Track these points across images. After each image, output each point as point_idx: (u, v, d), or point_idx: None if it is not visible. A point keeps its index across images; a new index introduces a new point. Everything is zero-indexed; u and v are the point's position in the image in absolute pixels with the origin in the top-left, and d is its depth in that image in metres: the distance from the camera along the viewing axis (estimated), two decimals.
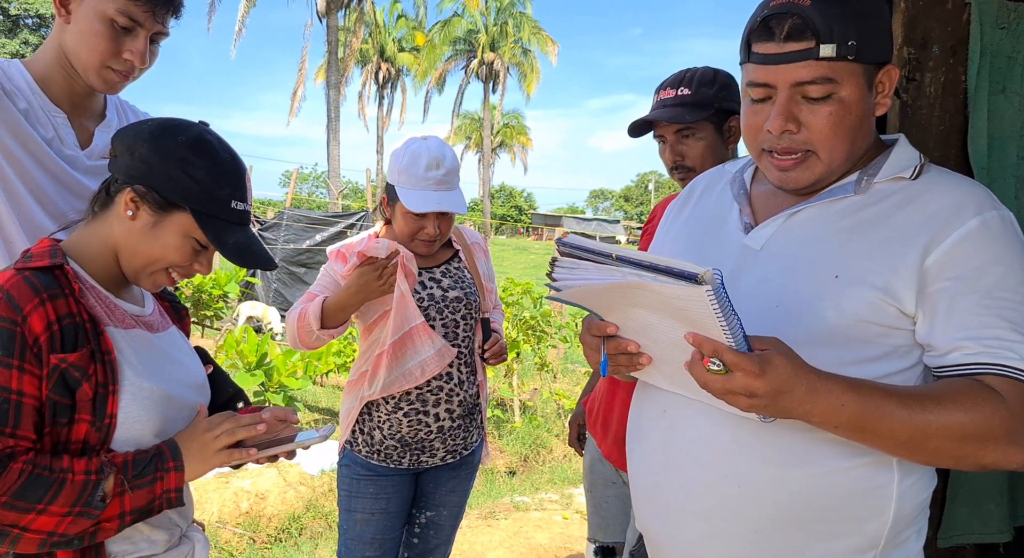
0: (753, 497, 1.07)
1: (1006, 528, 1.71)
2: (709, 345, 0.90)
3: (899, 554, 1.10)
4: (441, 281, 2.14)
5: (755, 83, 1.10)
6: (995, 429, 0.95)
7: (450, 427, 2.13)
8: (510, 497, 4.76)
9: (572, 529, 4.28)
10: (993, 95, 1.65)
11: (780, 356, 0.91)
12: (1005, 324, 0.99)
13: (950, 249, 1.02)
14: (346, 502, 2.15)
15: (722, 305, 0.86)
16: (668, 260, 0.89)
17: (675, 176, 1.90)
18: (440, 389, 2.10)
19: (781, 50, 1.06)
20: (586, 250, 0.98)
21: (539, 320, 6.07)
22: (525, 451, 5.60)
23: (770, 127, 1.08)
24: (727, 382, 0.91)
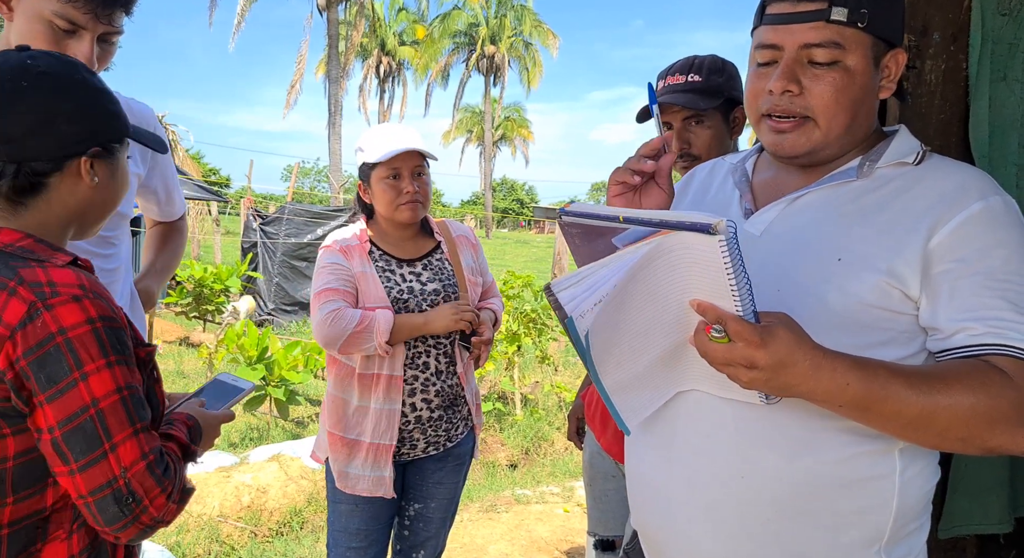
0: (758, 488, 1.05)
1: (1007, 519, 1.70)
2: (713, 312, 0.88)
3: (904, 548, 1.09)
4: (421, 274, 2.16)
5: (764, 44, 1.09)
6: (1004, 410, 0.93)
7: (429, 418, 2.13)
8: (511, 490, 4.76)
9: (573, 522, 4.28)
10: (994, 83, 1.63)
11: (784, 329, 0.89)
12: (1009, 305, 0.98)
13: (953, 231, 1.01)
14: (332, 494, 2.16)
15: (733, 259, 0.83)
16: (678, 214, 0.86)
17: (679, 164, 1.86)
18: (415, 379, 2.11)
19: (795, 9, 1.06)
20: (591, 215, 0.95)
21: (540, 313, 6.06)
22: (526, 444, 5.60)
23: (771, 86, 1.08)
24: (728, 352, 0.89)
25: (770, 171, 1.22)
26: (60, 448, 1.00)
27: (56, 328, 0.99)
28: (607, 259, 0.91)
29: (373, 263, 2.11)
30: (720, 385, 1.02)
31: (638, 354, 1.02)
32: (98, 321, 1.02)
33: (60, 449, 1.00)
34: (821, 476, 1.04)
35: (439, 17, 41.15)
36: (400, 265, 2.15)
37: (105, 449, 1.00)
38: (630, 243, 0.91)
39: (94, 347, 1.00)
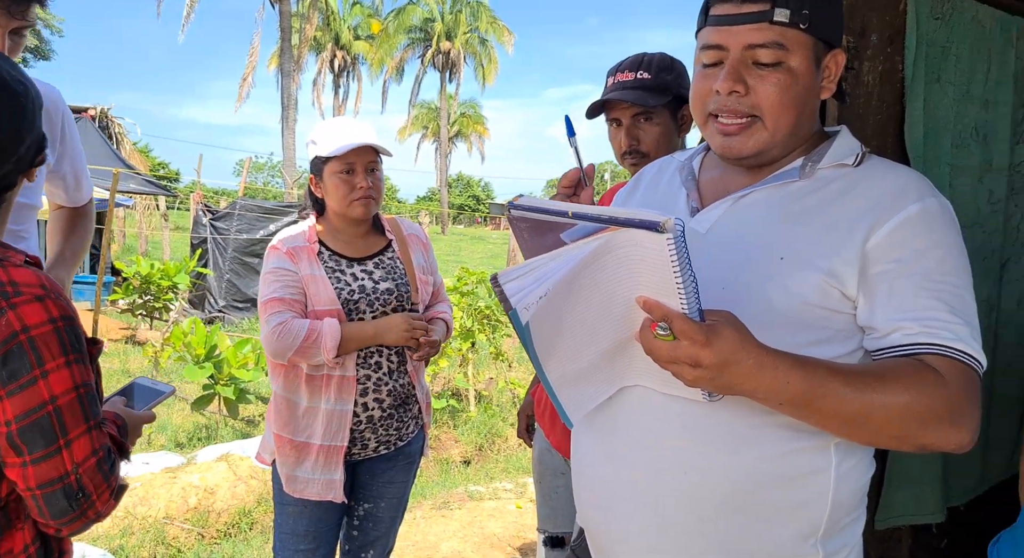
0: (700, 484, 1.06)
1: (939, 510, 1.75)
2: (659, 310, 0.88)
3: (839, 541, 1.11)
4: (373, 273, 2.12)
5: (709, 45, 1.10)
6: (936, 408, 0.95)
7: (380, 417, 2.11)
8: (464, 487, 4.76)
9: (526, 518, 4.29)
10: (929, 85, 1.68)
11: (728, 328, 0.89)
12: (943, 306, 1.00)
13: (891, 232, 1.03)
14: (279, 495, 2.11)
15: (680, 257, 0.83)
16: (627, 211, 0.85)
17: (627, 161, 1.88)
18: (368, 378, 2.08)
19: (738, 11, 1.06)
20: (540, 210, 0.94)
21: (494, 310, 6.05)
22: (480, 440, 5.60)
23: (718, 87, 1.08)
24: (673, 350, 0.89)
25: (716, 170, 1.23)
26: (15, 441, 1.02)
27: (20, 326, 1.02)
28: (555, 252, 0.91)
29: (322, 264, 2.07)
30: (664, 381, 1.02)
31: (583, 348, 1.02)
32: (59, 321, 1.05)
33: (15, 442, 1.02)
34: (761, 471, 1.05)
35: (394, 12, 40.84)
36: (351, 264, 2.12)
37: (60, 445, 1.04)
38: (579, 238, 0.90)
39: (55, 346, 1.04)
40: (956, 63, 1.72)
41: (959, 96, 1.72)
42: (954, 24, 1.71)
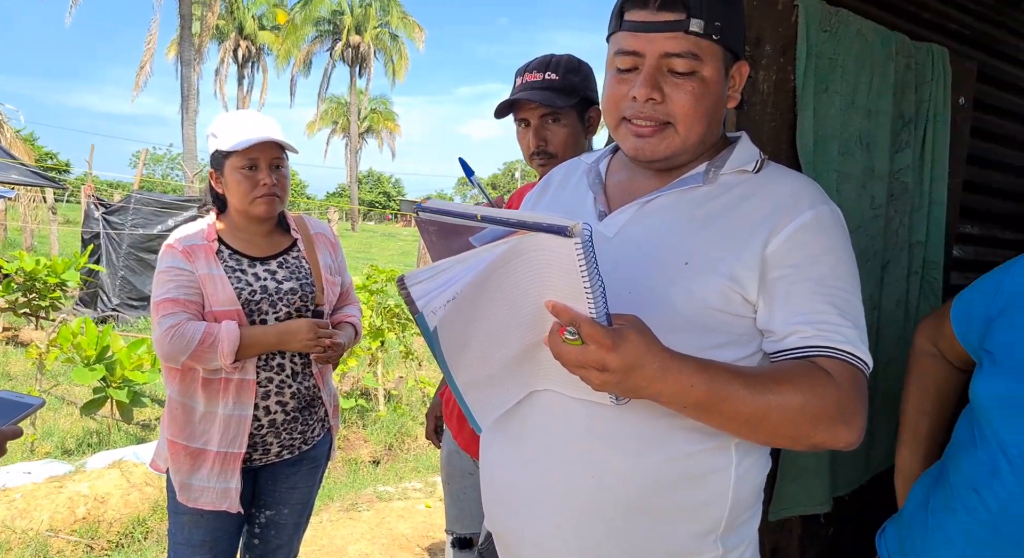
0: (607, 487, 1.07)
1: (827, 500, 1.84)
2: (567, 314, 0.89)
3: (737, 537, 1.14)
4: (276, 272, 2.06)
5: (625, 51, 1.10)
6: (827, 408, 0.99)
7: (283, 421, 2.05)
8: (373, 487, 4.69)
9: (435, 517, 4.27)
10: (818, 94, 1.75)
11: (635, 332, 0.90)
12: (835, 310, 1.05)
13: (787, 239, 1.07)
14: (173, 504, 2.02)
15: (588, 262, 0.84)
16: (535, 215, 0.85)
17: (535, 162, 1.88)
18: (270, 381, 2.02)
19: (654, 18, 1.07)
20: (448, 212, 0.93)
21: (404, 308, 5.99)
22: (390, 440, 5.54)
23: (636, 93, 1.09)
24: (581, 354, 0.89)
25: (623, 173, 1.25)
26: None
27: None
28: (463, 255, 0.90)
29: (222, 263, 1.98)
30: (572, 385, 1.02)
31: (492, 352, 1.02)
32: None
33: None
34: (666, 473, 1.07)
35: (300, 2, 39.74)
36: (252, 264, 2.04)
37: None
38: (487, 242, 0.90)
39: None
40: (842, 74, 1.80)
41: (845, 106, 1.81)
42: (840, 37, 1.80)
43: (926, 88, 2.04)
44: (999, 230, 2.78)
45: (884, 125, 1.91)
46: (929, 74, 2.05)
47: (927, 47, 2.05)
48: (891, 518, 1.48)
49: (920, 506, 1.37)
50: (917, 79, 2.02)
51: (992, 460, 1.21)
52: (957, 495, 1.27)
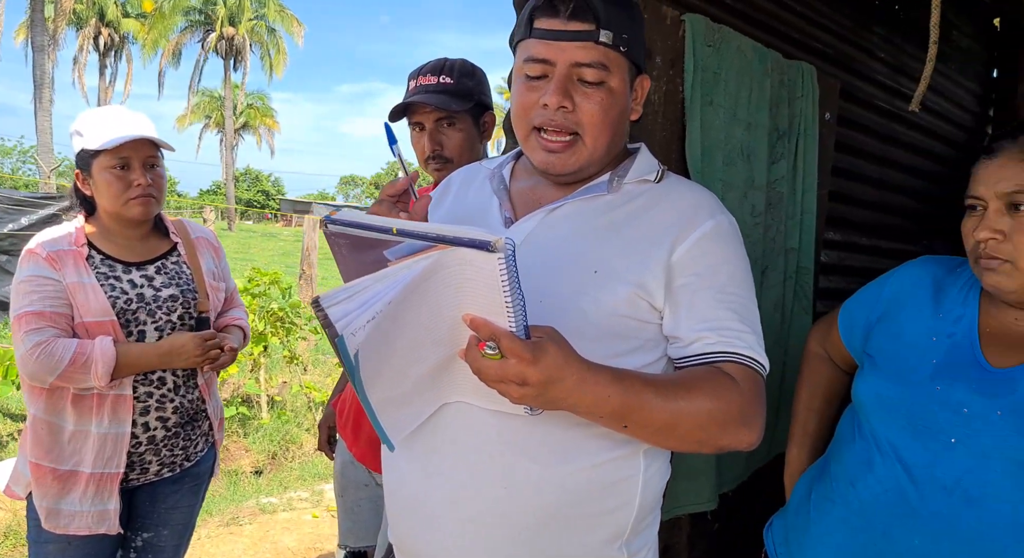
0: (519, 498, 1.07)
1: (714, 497, 1.92)
2: (487, 328, 0.88)
3: (641, 540, 1.17)
4: (154, 279, 1.93)
5: (535, 58, 1.10)
6: (733, 413, 1.02)
7: (164, 437, 1.93)
8: (256, 499, 4.51)
9: (323, 528, 4.15)
10: (704, 106, 1.83)
11: (553, 344, 0.90)
12: (736, 317, 1.09)
13: (690, 248, 1.10)
14: (36, 533, 1.86)
15: (511, 277, 0.83)
16: (455, 229, 0.84)
17: (430, 166, 1.86)
18: (150, 395, 1.90)
19: (565, 27, 1.08)
20: (361, 225, 0.89)
21: (288, 311, 5.78)
22: (273, 448, 5.34)
23: (547, 101, 1.09)
24: (500, 368, 0.88)
25: (528, 180, 1.25)
26: None
27: None
28: (382, 273, 0.87)
29: (93, 270, 1.84)
30: (485, 396, 1.02)
31: (408, 369, 0.99)
32: None
33: None
34: (578, 481, 1.08)
35: None
36: (127, 270, 1.91)
37: None
38: (403, 256, 0.87)
39: None
40: (725, 88, 1.89)
41: (728, 118, 1.90)
42: (723, 52, 1.88)
43: (797, 103, 2.17)
44: (858, 236, 3.00)
45: (762, 137, 2.02)
46: (800, 90, 2.18)
47: (797, 65, 2.19)
48: (778, 512, 1.56)
49: (804, 499, 1.45)
50: (789, 94, 2.14)
51: (867, 454, 1.29)
52: (836, 487, 1.34)
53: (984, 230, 1.17)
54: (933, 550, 1.17)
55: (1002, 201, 1.16)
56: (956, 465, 1.16)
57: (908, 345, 1.29)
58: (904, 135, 3.24)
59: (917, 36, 3.24)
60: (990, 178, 1.18)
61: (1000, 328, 1.23)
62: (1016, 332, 1.21)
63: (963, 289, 1.30)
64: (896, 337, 1.32)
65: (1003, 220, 1.15)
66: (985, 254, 1.18)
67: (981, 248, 1.18)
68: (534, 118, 1.13)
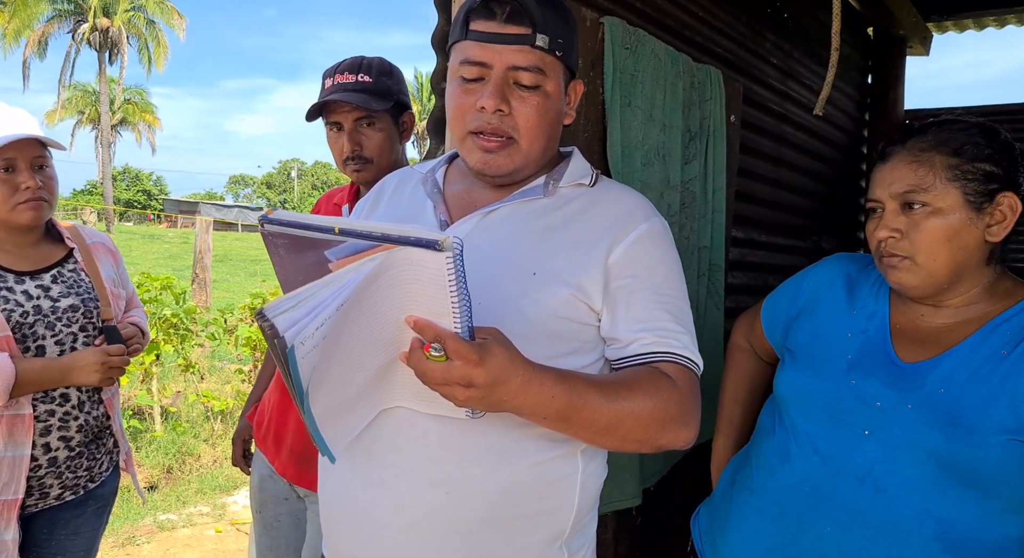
0: (461, 502, 1.06)
1: (638, 493, 1.96)
2: (431, 330, 0.86)
3: (580, 539, 1.18)
4: (50, 289, 1.80)
5: (472, 61, 1.09)
6: (671, 411, 1.04)
7: (67, 458, 1.80)
8: (153, 516, 4.28)
9: (228, 543, 3.99)
10: (623, 108, 1.86)
11: (499, 346, 0.89)
12: (671, 317, 1.11)
13: (627, 250, 1.12)
14: None
15: (458, 277, 0.81)
16: (401, 228, 0.81)
17: (349, 167, 1.80)
18: (51, 414, 1.77)
19: (502, 30, 1.08)
20: (300, 225, 0.85)
21: (182, 317, 5.52)
22: (168, 461, 5.09)
23: (484, 104, 1.09)
24: (446, 371, 0.86)
25: (462, 183, 1.24)
26: None
27: None
28: (328, 278, 0.83)
29: None
30: (425, 401, 1.00)
31: (350, 376, 0.96)
32: None
33: None
34: (518, 483, 1.08)
35: None
36: (20, 280, 1.77)
37: None
38: (345, 257, 0.84)
39: None
40: (642, 90, 1.93)
41: (645, 120, 1.94)
42: (640, 55, 1.93)
43: (707, 105, 2.25)
44: (757, 233, 3.14)
45: (676, 139, 2.07)
46: (708, 93, 2.26)
47: (706, 68, 2.26)
48: (704, 500, 1.61)
49: (727, 487, 1.51)
50: (699, 97, 2.21)
51: (785, 445, 1.35)
52: (755, 476, 1.40)
53: (883, 229, 1.24)
54: (843, 537, 1.23)
55: (897, 201, 1.23)
56: (868, 456, 1.23)
57: (825, 340, 1.36)
58: (793, 136, 3.41)
59: (804, 43, 3.42)
60: (884, 181, 1.25)
61: (909, 324, 1.30)
62: (924, 328, 1.28)
63: (874, 286, 1.38)
64: (814, 333, 1.38)
65: (899, 219, 1.23)
66: (887, 252, 1.25)
67: (883, 247, 1.26)
68: (470, 122, 1.12)
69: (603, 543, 1.99)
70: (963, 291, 1.25)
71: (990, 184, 1.19)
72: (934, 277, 1.22)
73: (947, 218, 1.19)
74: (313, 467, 1.77)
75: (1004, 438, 1.13)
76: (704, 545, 1.51)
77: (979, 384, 1.17)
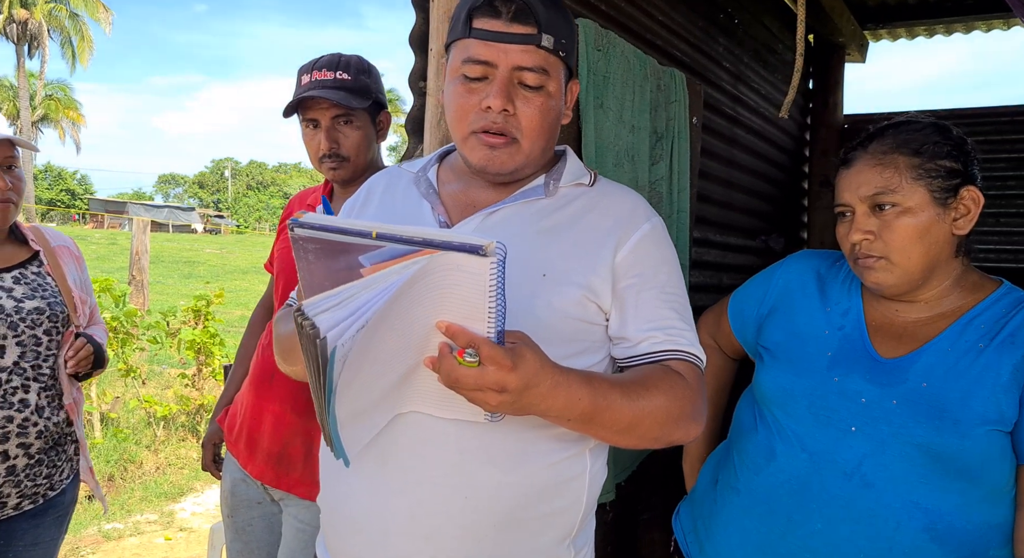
0: (479, 506, 1.06)
1: (611, 489, 1.99)
2: (465, 336, 0.85)
3: (584, 537, 1.20)
4: (13, 290, 1.74)
5: (476, 59, 1.08)
6: (684, 408, 1.06)
7: (26, 465, 1.74)
8: (97, 526, 4.14)
9: (178, 551, 3.89)
10: (596, 109, 1.90)
11: (529, 350, 0.89)
12: (677, 316, 1.14)
13: (632, 249, 1.13)
14: None
15: (498, 284, 0.81)
16: (443, 233, 0.81)
17: (325, 165, 1.78)
18: (10, 420, 1.71)
19: (508, 29, 1.07)
20: (335, 229, 0.83)
21: (123, 321, 5.33)
22: (110, 469, 4.92)
23: (491, 103, 1.08)
24: (480, 377, 0.85)
25: (458, 183, 1.22)
26: None
27: None
28: (369, 279, 0.81)
29: None
30: (442, 405, 0.99)
31: (376, 381, 0.94)
32: None
33: None
34: (534, 484, 1.08)
35: None
36: None
37: None
38: (381, 262, 0.83)
39: None
40: (613, 91, 1.97)
41: (616, 121, 1.98)
42: (611, 57, 1.96)
43: (672, 107, 2.30)
44: (713, 233, 3.23)
45: (644, 140, 2.12)
46: (674, 95, 2.31)
47: (670, 71, 2.32)
48: (684, 499, 1.63)
49: (709, 486, 1.52)
50: (665, 99, 2.27)
51: (770, 443, 1.37)
52: (740, 476, 1.41)
53: (856, 233, 1.28)
54: (833, 532, 1.26)
55: (866, 204, 1.27)
56: (856, 451, 1.25)
57: (803, 338, 1.38)
58: (742, 138, 3.51)
59: (753, 48, 3.53)
60: (852, 185, 1.29)
61: (884, 320, 1.34)
62: (899, 323, 1.33)
63: (845, 282, 1.42)
64: (791, 331, 1.41)
65: (871, 221, 1.27)
66: (862, 254, 1.29)
67: (857, 249, 1.29)
68: (474, 121, 1.11)
69: None
70: (935, 285, 1.30)
71: (952, 179, 1.24)
72: (909, 274, 1.26)
73: (917, 216, 1.23)
74: (291, 469, 1.76)
75: (986, 429, 1.18)
76: (690, 545, 1.52)
77: (960, 377, 1.21)
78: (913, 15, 4.40)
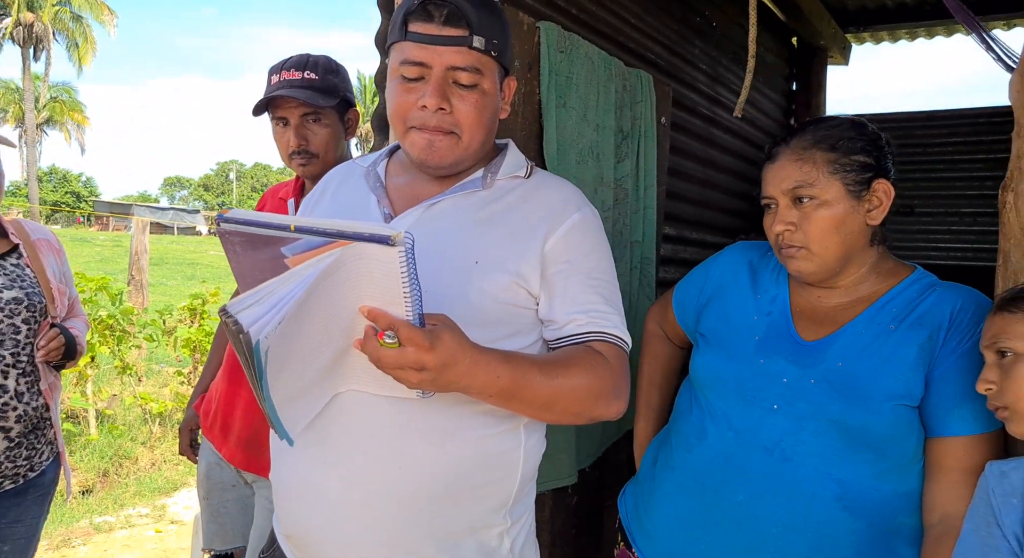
0: (413, 477, 1.13)
1: (573, 473, 2.06)
2: (385, 319, 0.92)
3: (521, 507, 1.27)
4: None
5: (412, 61, 1.15)
6: (604, 386, 1.14)
7: (6, 448, 1.82)
8: (89, 519, 4.22)
9: (168, 542, 3.96)
10: (558, 108, 1.97)
11: (448, 331, 0.96)
12: (603, 300, 1.21)
13: (561, 237, 1.21)
14: None
15: (410, 270, 0.87)
16: (354, 224, 0.87)
17: (295, 162, 1.85)
18: None
19: (440, 32, 1.14)
20: (256, 223, 0.90)
21: (119, 319, 5.41)
22: (104, 465, 5.00)
23: (426, 103, 1.15)
24: (400, 356, 0.93)
25: (404, 177, 1.30)
26: None
27: None
28: (288, 275, 0.88)
29: None
30: (378, 383, 1.06)
31: (307, 365, 1.01)
32: None
33: None
34: (466, 457, 1.15)
35: None
36: None
37: None
38: (301, 253, 0.89)
39: None
40: (576, 91, 2.04)
41: (579, 119, 2.05)
42: (574, 58, 2.03)
43: (638, 107, 2.37)
44: (688, 231, 3.30)
45: (608, 138, 2.19)
46: (640, 95, 2.38)
47: (636, 72, 2.39)
48: (629, 480, 1.71)
49: (649, 466, 1.59)
50: (631, 99, 2.34)
51: (702, 424, 1.44)
52: (675, 455, 1.49)
53: (779, 224, 1.35)
54: (754, 504, 1.33)
55: (788, 197, 1.34)
56: (776, 428, 1.33)
57: (734, 324, 1.46)
58: (721, 139, 3.58)
59: (731, 50, 3.60)
60: (775, 179, 1.37)
61: (807, 306, 1.42)
62: (821, 309, 1.40)
63: (774, 272, 1.49)
64: (723, 317, 1.49)
65: (792, 213, 1.34)
66: (784, 244, 1.36)
67: (780, 239, 1.37)
68: (412, 119, 1.19)
69: (540, 521, 2.07)
70: (852, 272, 1.37)
71: (866, 173, 1.32)
72: (827, 262, 1.34)
73: (833, 208, 1.31)
74: (262, 453, 1.83)
75: (894, 403, 1.25)
76: (631, 522, 1.59)
77: (872, 356, 1.29)
78: (893, 19, 4.46)
